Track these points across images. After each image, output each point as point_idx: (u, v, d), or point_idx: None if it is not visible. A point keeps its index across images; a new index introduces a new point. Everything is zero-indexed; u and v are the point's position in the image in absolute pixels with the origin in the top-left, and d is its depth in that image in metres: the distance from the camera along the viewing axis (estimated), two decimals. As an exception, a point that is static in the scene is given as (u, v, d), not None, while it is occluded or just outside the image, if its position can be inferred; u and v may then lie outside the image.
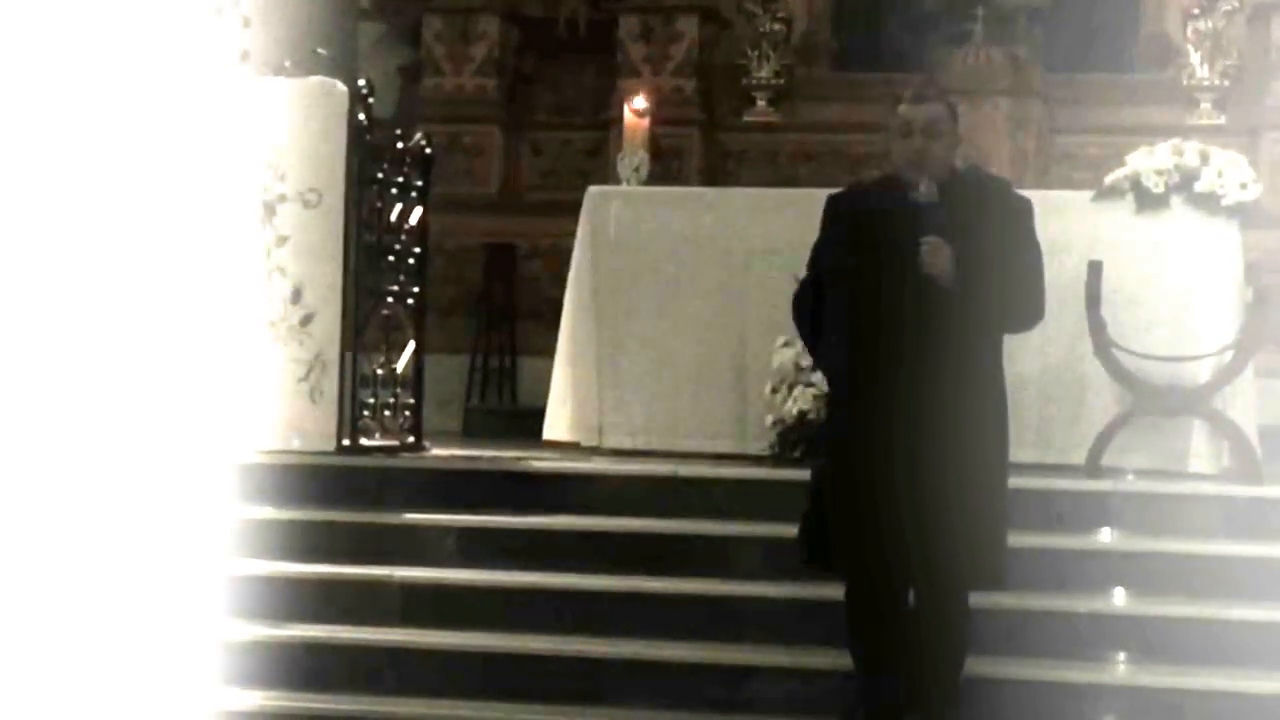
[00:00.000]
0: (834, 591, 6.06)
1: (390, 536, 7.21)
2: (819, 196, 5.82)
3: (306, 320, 7.83)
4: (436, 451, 8.16)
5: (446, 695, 6.46)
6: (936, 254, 5.35)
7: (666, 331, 8.45)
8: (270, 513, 7.33)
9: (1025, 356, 7.79)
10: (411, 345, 8.16)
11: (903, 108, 5.56)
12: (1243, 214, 7.84)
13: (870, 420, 5.42)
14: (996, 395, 5.50)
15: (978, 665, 5.88)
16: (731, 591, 6.75)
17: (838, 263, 5.54)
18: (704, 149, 11.30)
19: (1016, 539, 5.96)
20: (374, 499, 7.46)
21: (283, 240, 7.85)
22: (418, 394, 8.18)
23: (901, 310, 5.40)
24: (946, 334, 5.39)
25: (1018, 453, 7.71)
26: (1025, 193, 5.81)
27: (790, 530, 6.63)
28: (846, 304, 5.51)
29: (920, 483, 5.35)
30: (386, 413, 8.05)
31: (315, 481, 7.55)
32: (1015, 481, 6.96)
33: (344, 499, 7.46)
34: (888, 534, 5.37)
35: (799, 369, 7.88)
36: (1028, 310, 5.57)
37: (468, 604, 6.85)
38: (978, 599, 5.71)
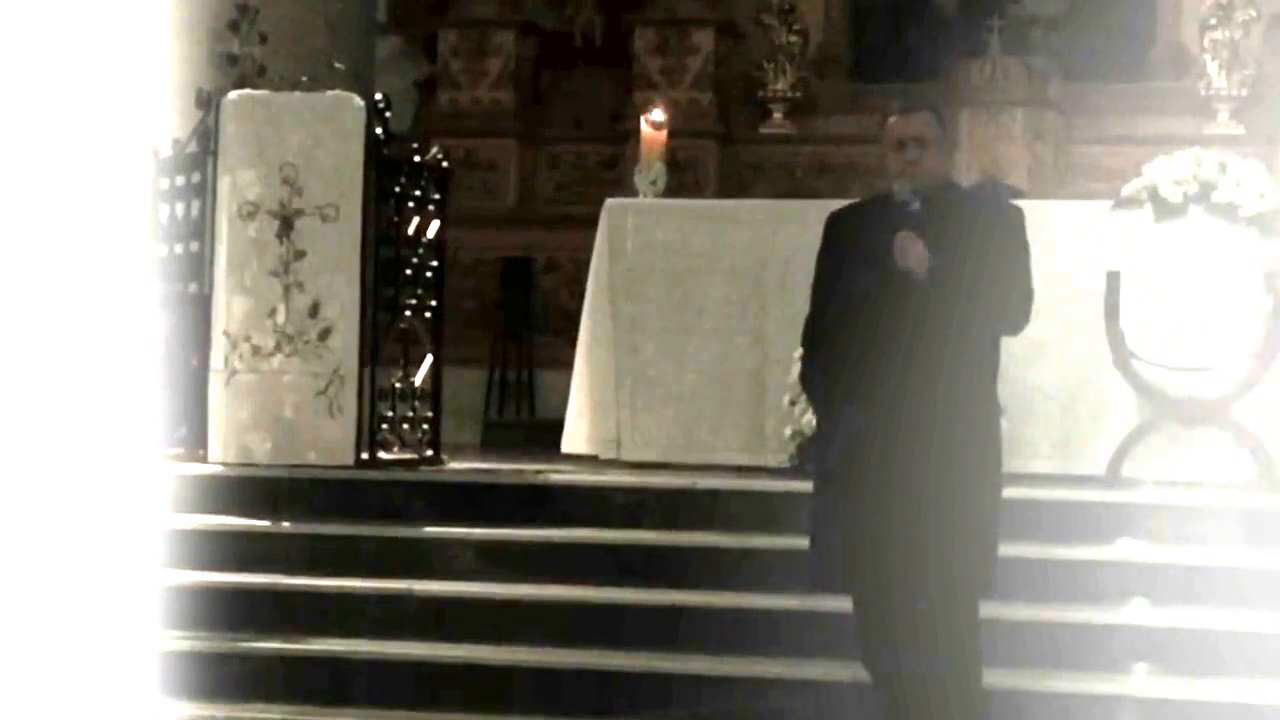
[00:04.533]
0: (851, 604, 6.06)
1: (409, 550, 7.21)
2: (835, 207, 5.82)
3: (324, 334, 7.84)
4: (455, 465, 8.17)
5: (466, 708, 6.45)
6: (907, 247, 5.33)
7: (684, 344, 8.44)
8: (289, 527, 7.34)
9: (1045, 368, 7.79)
10: (429, 359, 8.18)
11: (893, 120, 5.57)
12: (1261, 223, 7.83)
13: (864, 434, 5.39)
14: (990, 402, 5.47)
15: (994, 677, 5.87)
16: (751, 604, 6.74)
17: (833, 282, 5.53)
18: (721, 161, 11.31)
19: (1035, 550, 5.96)
20: (393, 513, 7.47)
21: (300, 255, 7.86)
22: (436, 407, 8.18)
23: (891, 320, 5.38)
24: (942, 343, 5.37)
25: (1037, 464, 7.77)
26: (1034, 203, 5.80)
27: (808, 542, 6.64)
28: (843, 320, 5.48)
29: (914, 493, 5.32)
30: (405, 426, 8.06)
31: (334, 495, 7.57)
32: (1035, 493, 6.98)
33: (363, 513, 7.47)
34: (888, 547, 5.34)
35: (817, 381, 7.86)
36: (1013, 313, 5.51)
37: (487, 617, 6.85)
38: (997, 610, 5.69)
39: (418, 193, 8.13)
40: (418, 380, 8.12)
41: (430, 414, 8.16)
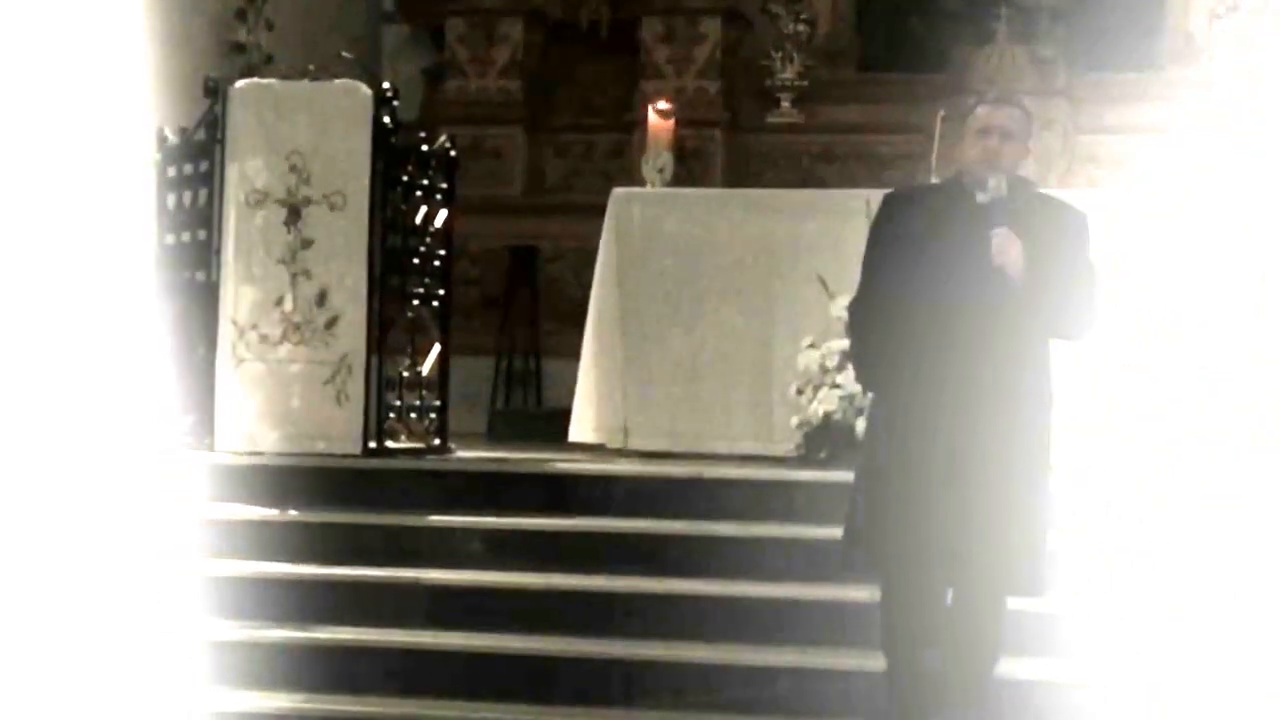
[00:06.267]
0: (859, 593, 6.07)
1: (416, 539, 7.22)
2: (843, 197, 5.82)
3: (332, 323, 7.85)
4: (462, 454, 8.17)
5: (474, 697, 6.46)
6: (1007, 245, 5.31)
7: (691, 333, 8.44)
8: (296, 515, 7.35)
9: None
10: (437, 348, 8.19)
11: (983, 109, 5.52)
12: (1268, 213, 7.82)
13: (922, 421, 5.39)
14: (1045, 400, 5.48)
15: (1007, 666, 5.87)
16: (757, 593, 6.74)
17: (889, 264, 5.47)
18: (727, 150, 11.29)
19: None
20: (400, 501, 7.47)
21: (307, 243, 7.87)
22: (443, 396, 8.19)
23: (963, 312, 5.35)
24: (1005, 337, 5.37)
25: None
26: (1058, 191, 5.79)
27: (815, 531, 6.65)
28: (902, 304, 5.43)
29: (966, 485, 5.32)
30: (412, 415, 8.07)
31: (341, 484, 7.58)
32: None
33: (370, 501, 7.48)
34: (931, 534, 5.34)
35: (824, 370, 7.87)
36: (1082, 317, 5.51)
37: (494, 606, 6.86)
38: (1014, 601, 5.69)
39: (425, 181, 8.13)
40: (425, 369, 8.13)
41: (437, 403, 8.17)
